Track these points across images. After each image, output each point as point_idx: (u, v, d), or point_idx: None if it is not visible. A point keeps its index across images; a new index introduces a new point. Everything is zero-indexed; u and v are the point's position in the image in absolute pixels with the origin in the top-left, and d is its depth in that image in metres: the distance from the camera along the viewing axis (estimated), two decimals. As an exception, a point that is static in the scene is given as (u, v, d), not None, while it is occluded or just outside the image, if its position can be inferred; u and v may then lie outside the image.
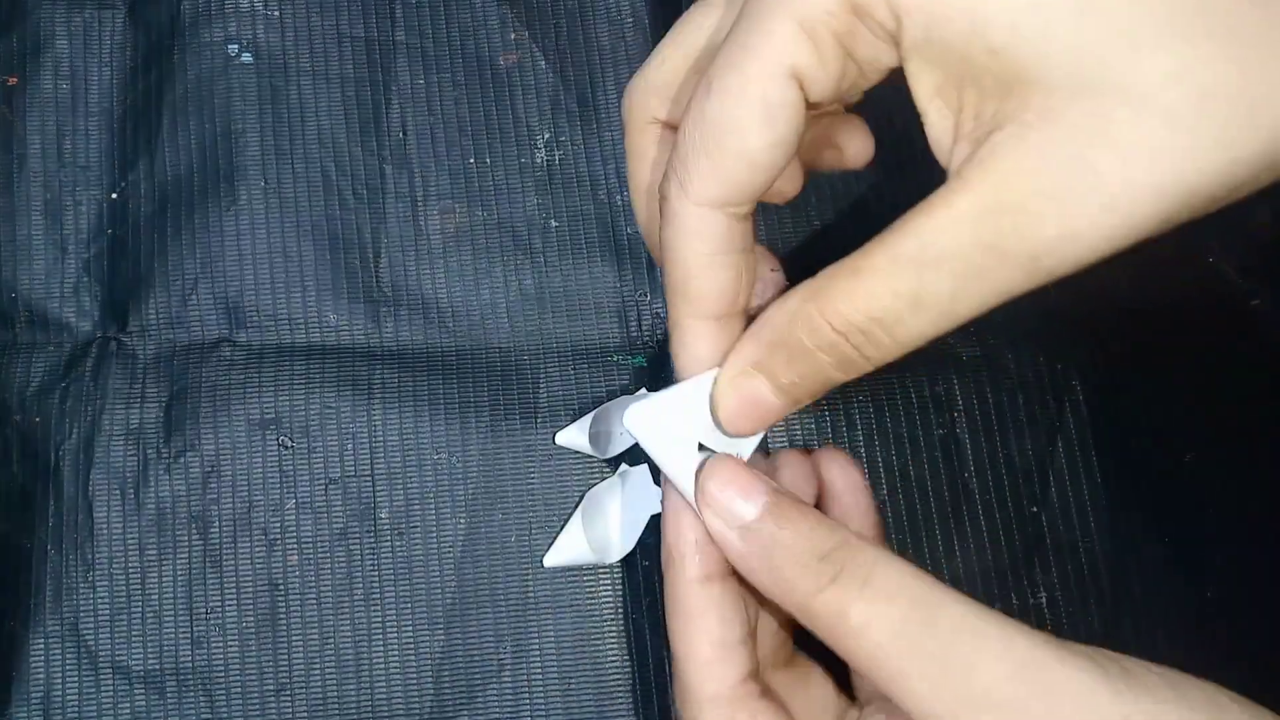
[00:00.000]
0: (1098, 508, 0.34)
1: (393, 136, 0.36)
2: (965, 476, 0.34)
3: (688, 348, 0.23)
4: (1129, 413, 0.35)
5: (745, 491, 0.22)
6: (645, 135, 0.25)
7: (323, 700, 0.32)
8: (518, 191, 0.36)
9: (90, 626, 0.32)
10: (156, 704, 0.32)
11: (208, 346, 0.34)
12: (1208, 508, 0.35)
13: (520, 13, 0.37)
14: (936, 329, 0.19)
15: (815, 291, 0.20)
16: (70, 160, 0.35)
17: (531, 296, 0.35)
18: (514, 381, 0.34)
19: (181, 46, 0.36)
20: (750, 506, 0.22)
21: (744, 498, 0.22)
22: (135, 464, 0.33)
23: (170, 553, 0.33)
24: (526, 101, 0.36)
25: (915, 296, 0.19)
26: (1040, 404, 0.35)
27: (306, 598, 0.33)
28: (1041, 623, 0.34)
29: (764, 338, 0.22)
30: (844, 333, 0.20)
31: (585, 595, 0.33)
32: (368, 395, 0.34)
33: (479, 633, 0.33)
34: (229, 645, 0.32)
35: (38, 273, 0.34)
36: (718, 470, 0.22)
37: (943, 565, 0.34)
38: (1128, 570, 0.34)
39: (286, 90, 0.36)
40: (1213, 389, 0.35)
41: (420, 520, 0.33)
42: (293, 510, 0.33)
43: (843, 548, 0.21)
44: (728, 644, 0.23)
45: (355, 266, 0.35)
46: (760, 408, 0.22)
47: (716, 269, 0.22)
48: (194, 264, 0.34)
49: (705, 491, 0.22)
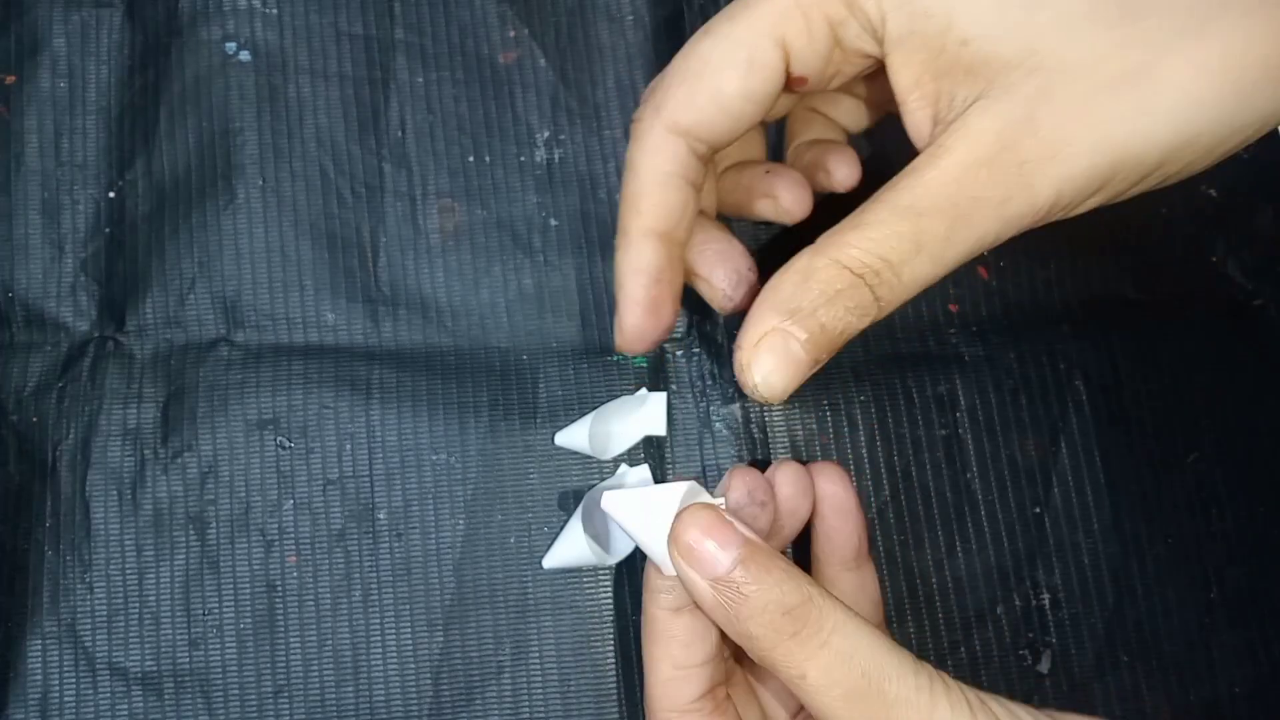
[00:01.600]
0: (1100, 508, 0.34)
1: (391, 135, 0.36)
2: (968, 477, 0.34)
3: (630, 257, 0.25)
4: (1132, 413, 0.35)
5: (721, 541, 0.23)
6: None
7: (321, 701, 0.32)
8: (517, 190, 0.36)
9: (88, 627, 0.32)
10: (154, 705, 0.31)
11: (205, 346, 0.34)
12: (1211, 508, 0.35)
13: (520, 11, 0.37)
14: (935, 270, 0.22)
15: (826, 244, 0.23)
16: (68, 159, 0.35)
17: (531, 296, 0.35)
18: (513, 381, 0.34)
19: (179, 45, 0.36)
20: (725, 556, 0.23)
21: (720, 546, 0.23)
22: (133, 464, 0.33)
23: (168, 553, 0.32)
24: (526, 100, 0.36)
25: (916, 239, 0.22)
26: (1043, 404, 0.35)
27: (305, 598, 0.32)
28: (1044, 624, 0.33)
29: (781, 297, 0.23)
30: (860, 274, 0.22)
31: (584, 596, 0.33)
32: (366, 395, 0.34)
33: (478, 634, 0.32)
34: (227, 646, 0.32)
35: (35, 272, 0.34)
36: (695, 519, 0.23)
37: (945, 566, 0.34)
38: (1130, 571, 0.34)
39: (285, 89, 0.36)
40: (1216, 389, 0.35)
41: (419, 521, 0.33)
42: (291, 511, 0.33)
43: (807, 604, 0.22)
44: (687, 666, 0.25)
45: (354, 266, 0.35)
46: (793, 362, 0.23)
47: (669, 189, 0.25)
48: (191, 263, 0.34)
49: (681, 541, 0.23)
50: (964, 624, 0.33)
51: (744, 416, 0.34)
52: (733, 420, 0.34)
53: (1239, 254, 0.36)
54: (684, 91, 0.24)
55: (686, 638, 0.25)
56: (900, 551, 0.34)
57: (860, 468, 0.34)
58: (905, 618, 0.33)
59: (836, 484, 0.30)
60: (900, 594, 0.33)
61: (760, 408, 0.34)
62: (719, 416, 0.34)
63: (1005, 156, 0.21)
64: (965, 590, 0.33)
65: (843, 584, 0.30)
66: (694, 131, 0.24)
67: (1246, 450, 0.35)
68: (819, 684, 0.22)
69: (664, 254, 0.25)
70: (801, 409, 0.34)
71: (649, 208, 0.25)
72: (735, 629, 0.23)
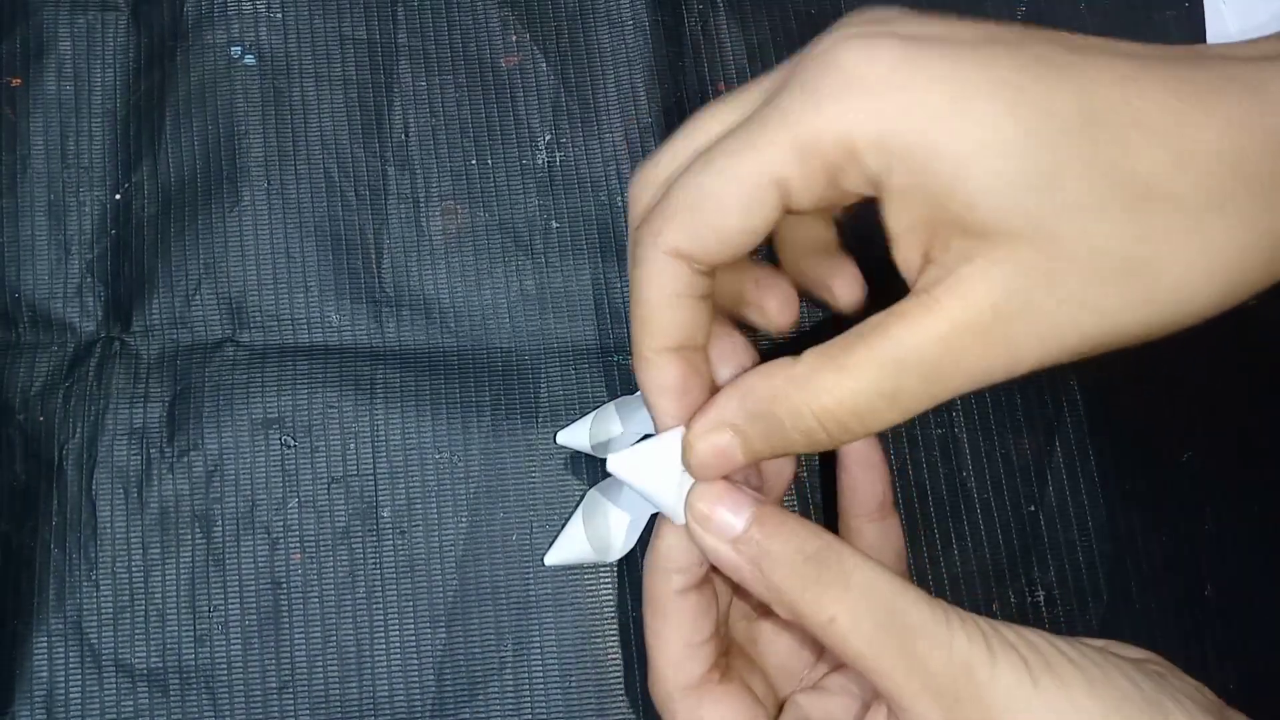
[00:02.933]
0: (1095, 507, 0.35)
1: (395, 138, 0.36)
2: (963, 475, 0.34)
3: (650, 375, 0.26)
4: (1126, 412, 0.35)
5: (733, 506, 0.25)
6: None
7: (325, 697, 0.32)
8: (519, 193, 0.36)
9: (93, 625, 0.32)
10: (159, 702, 0.32)
11: (211, 346, 0.34)
12: (1205, 507, 0.35)
13: (521, 15, 0.37)
14: (898, 419, 0.23)
15: (800, 381, 0.23)
16: (74, 161, 0.35)
17: (533, 297, 0.35)
18: (515, 381, 0.34)
19: (184, 48, 0.36)
20: (738, 519, 0.24)
21: (732, 512, 0.25)
22: (139, 463, 0.33)
23: (173, 551, 0.33)
24: (528, 103, 0.37)
25: (893, 394, 0.22)
26: (1038, 403, 0.35)
27: (309, 596, 0.33)
28: (1039, 620, 0.34)
29: (745, 406, 0.24)
30: (822, 421, 0.23)
31: (586, 594, 0.33)
32: (370, 395, 0.34)
33: (480, 631, 0.33)
34: (232, 643, 0.32)
35: (41, 273, 0.35)
36: (706, 491, 0.25)
37: (941, 563, 0.34)
38: (1125, 569, 0.34)
39: (289, 92, 0.36)
40: (1210, 389, 0.36)
41: (422, 519, 0.33)
42: (295, 509, 0.33)
43: (825, 550, 0.24)
44: (695, 644, 0.27)
45: (358, 267, 0.35)
46: (726, 459, 0.25)
47: (675, 308, 0.25)
48: (197, 264, 0.35)
49: (696, 509, 0.25)
50: (960, 621, 0.34)
51: (743, 416, 0.35)
52: (732, 420, 0.35)
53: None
54: (684, 222, 0.24)
55: (694, 613, 0.26)
56: (897, 549, 0.34)
57: (858, 466, 0.34)
58: (902, 615, 0.34)
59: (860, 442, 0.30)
60: (897, 591, 0.34)
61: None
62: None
63: (997, 329, 0.21)
64: (961, 587, 0.34)
65: (868, 535, 0.31)
66: (694, 257, 0.24)
67: (1240, 450, 0.35)
68: (847, 624, 0.23)
69: (684, 366, 0.26)
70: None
71: (659, 328, 0.25)
72: (761, 584, 0.24)
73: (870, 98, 0.21)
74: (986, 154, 0.21)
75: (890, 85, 0.21)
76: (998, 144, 0.21)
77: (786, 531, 0.24)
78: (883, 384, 0.22)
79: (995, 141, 0.21)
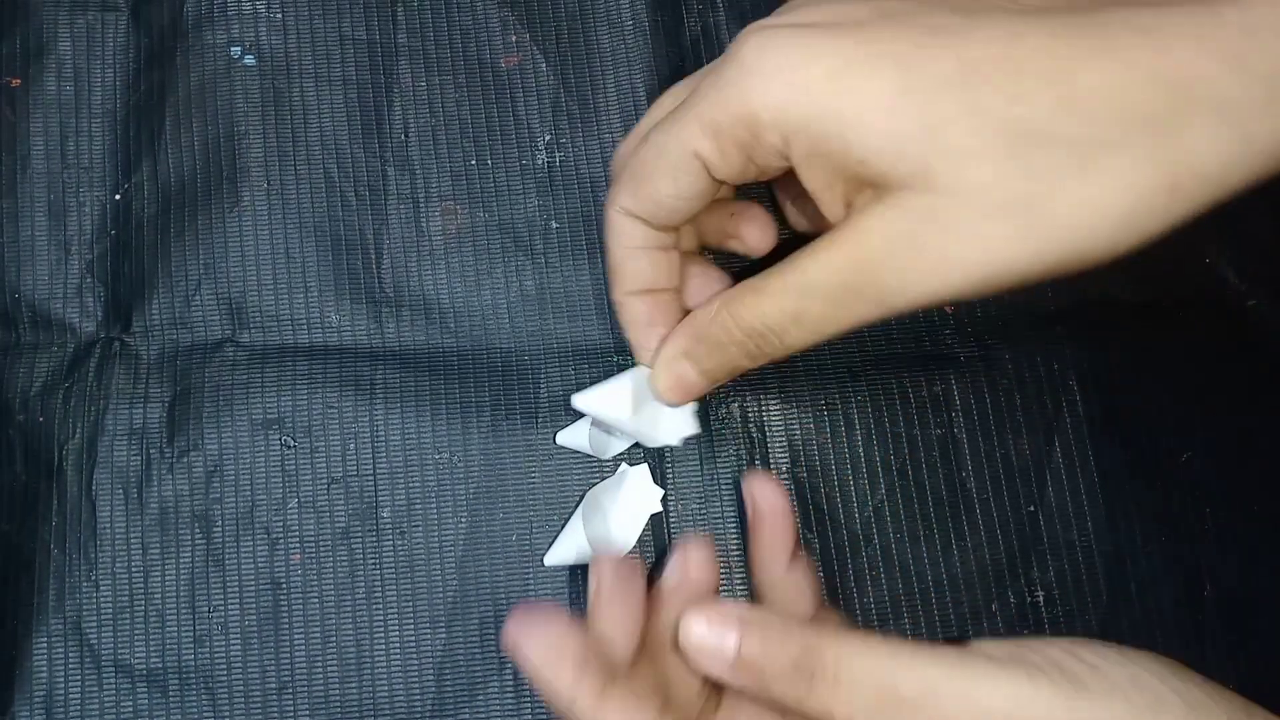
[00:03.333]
0: (1094, 507, 0.35)
1: (395, 138, 0.36)
2: (963, 476, 0.35)
3: (622, 315, 0.30)
4: (1126, 412, 0.35)
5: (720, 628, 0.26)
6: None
7: (325, 698, 0.32)
8: (519, 193, 0.36)
9: (93, 625, 0.32)
10: (159, 702, 0.32)
11: (211, 347, 0.34)
12: (1204, 507, 0.35)
13: (521, 15, 0.37)
14: (813, 339, 0.26)
15: (728, 301, 0.28)
16: (73, 161, 0.35)
17: (532, 297, 0.35)
18: (515, 382, 0.35)
19: (184, 48, 0.36)
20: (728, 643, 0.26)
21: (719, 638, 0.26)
22: (138, 464, 0.33)
23: (173, 552, 0.33)
24: (528, 103, 0.37)
25: (797, 314, 0.26)
26: (1037, 404, 0.35)
27: (309, 596, 0.33)
28: (1039, 621, 0.34)
29: (692, 331, 0.29)
30: (747, 334, 0.27)
31: (586, 593, 0.33)
32: (370, 395, 0.34)
33: (480, 630, 0.33)
34: (231, 644, 0.32)
35: (41, 274, 0.35)
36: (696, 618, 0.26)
37: (940, 564, 0.34)
38: (1124, 569, 0.34)
39: (289, 92, 0.36)
40: (1210, 389, 0.36)
41: (422, 519, 0.33)
42: (295, 509, 0.33)
43: (809, 653, 0.25)
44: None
45: (357, 267, 0.35)
46: (686, 383, 0.29)
47: (636, 259, 0.29)
48: (197, 265, 0.35)
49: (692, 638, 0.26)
50: (959, 621, 0.34)
51: (742, 416, 0.35)
52: (731, 420, 0.35)
53: (1232, 255, 0.37)
54: (631, 189, 0.28)
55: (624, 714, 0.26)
56: (896, 549, 0.34)
57: (857, 466, 0.34)
58: (901, 615, 0.34)
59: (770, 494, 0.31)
60: (896, 592, 0.34)
61: (758, 408, 0.35)
62: (717, 416, 0.35)
63: (887, 262, 0.24)
64: (960, 588, 0.34)
65: (782, 586, 0.31)
66: (642, 218, 0.28)
67: (1239, 450, 0.35)
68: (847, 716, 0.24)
69: (650, 305, 0.30)
70: (799, 409, 0.35)
71: (625, 276, 0.30)
72: (765, 694, 0.25)
73: (762, 82, 0.24)
74: (869, 115, 0.23)
75: (780, 69, 0.24)
76: (878, 106, 0.23)
77: (773, 644, 0.25)
78: (786, 304, 0.26)
79: (875, 104, 0.23)
